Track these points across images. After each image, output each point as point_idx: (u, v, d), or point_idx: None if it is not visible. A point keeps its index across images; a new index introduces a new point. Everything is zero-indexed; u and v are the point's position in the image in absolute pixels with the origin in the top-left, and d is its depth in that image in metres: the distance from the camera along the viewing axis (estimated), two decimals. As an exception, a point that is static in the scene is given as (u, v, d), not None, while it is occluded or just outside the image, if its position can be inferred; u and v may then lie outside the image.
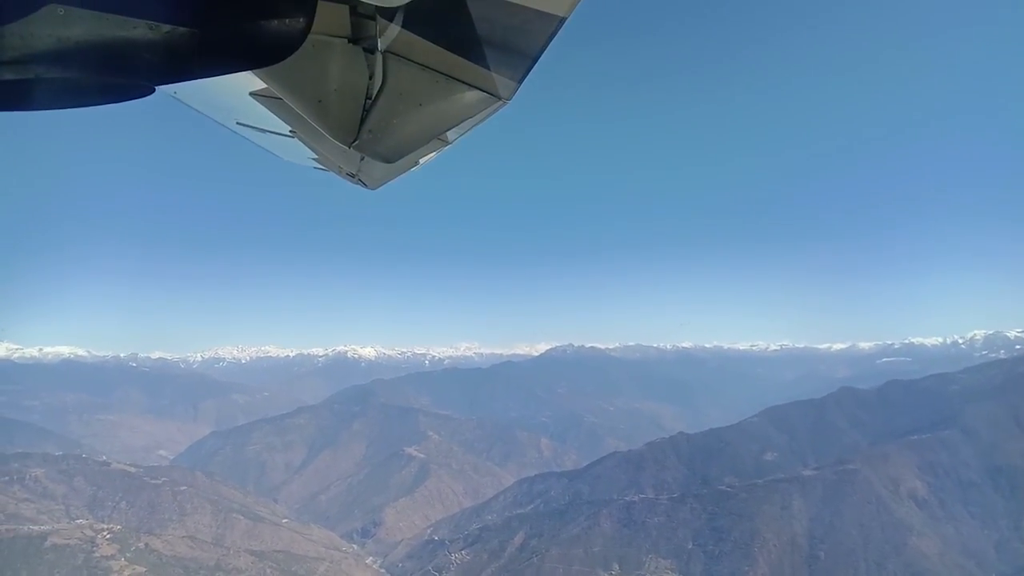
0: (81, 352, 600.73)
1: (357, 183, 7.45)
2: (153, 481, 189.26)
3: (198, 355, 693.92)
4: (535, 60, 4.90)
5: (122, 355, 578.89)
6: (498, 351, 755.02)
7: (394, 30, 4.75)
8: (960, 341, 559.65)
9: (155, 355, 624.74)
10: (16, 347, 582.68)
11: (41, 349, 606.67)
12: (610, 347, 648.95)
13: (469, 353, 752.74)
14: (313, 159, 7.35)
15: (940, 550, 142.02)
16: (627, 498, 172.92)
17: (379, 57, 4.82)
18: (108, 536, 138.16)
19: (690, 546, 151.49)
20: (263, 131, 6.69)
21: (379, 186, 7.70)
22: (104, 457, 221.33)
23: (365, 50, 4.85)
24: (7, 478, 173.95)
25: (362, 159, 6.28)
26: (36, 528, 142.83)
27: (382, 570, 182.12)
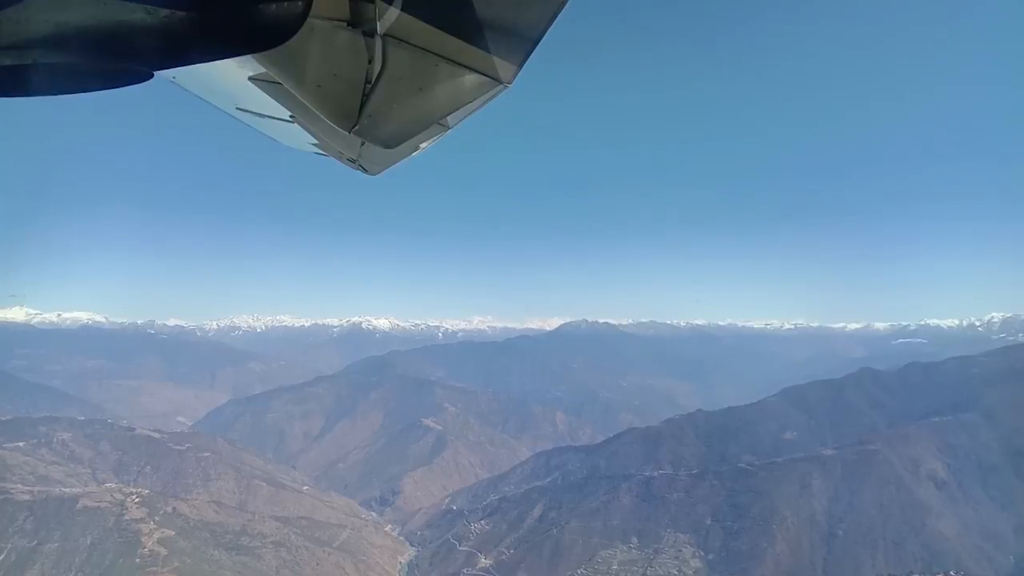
0: (99, 318, 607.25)
1: (357, 168, 7.41)
2: (177, 447, 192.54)
3: (214, 323, 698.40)
4: (536, 43, 4.92)
5: (139, 322, 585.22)
6: (511, 325, 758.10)
7: (393, 13, 4.71)
8: (977, 324, 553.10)
9: (171, 322, 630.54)
10: (35, 312, 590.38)
11: (60, 315, 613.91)
12: (623, 323, 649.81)
13: (482, 327, 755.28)
14: (313, 144, 7.33)
15: (959, 531, 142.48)
16: (646, 473, 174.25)
17: (378, 41, 4.77)
18: (137, 500, 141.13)
19: (709, 522, 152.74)
20: (263, 116, 6.64)
21: (379, 172, 7.69)
22: (125, 422, 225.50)
23: (364, 34, 4.76)
24: (35, 441, 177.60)
25: (362, 144, 6.24)
26: (67, 490, 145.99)
27: (401, 538, 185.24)
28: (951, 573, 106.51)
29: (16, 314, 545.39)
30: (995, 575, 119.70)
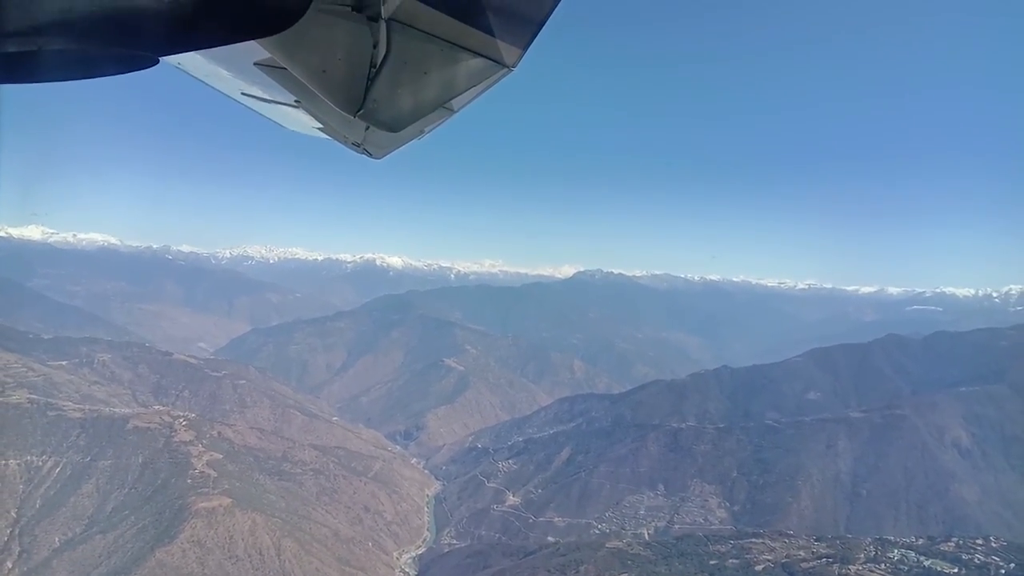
0: (113, 240, 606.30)
1: (362, 152, 7.46)
2: (214, 373, 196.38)
3: (227, 252, 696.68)
4: (540, 26, 4.99)
5: (155, 247, 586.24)
6: (522, 270, 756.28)
7: None
8: (994, 295, 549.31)
9: (186, 249, 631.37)
10: (51, 231, 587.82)
11: (75, 235, 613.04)
12: (638, 274, 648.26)
13: (494, 270, 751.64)
14: (318, 129, 7.38)
15: (980, 498, 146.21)
16: (672, 424, 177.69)
17: (383, 25, 4.75)
18: (184, 423, 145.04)
19: (735, 474, 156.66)
20: (268, 101, 6.72)
21: (384, 155, 7.75)
22: (146, 344, 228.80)
23: (369, 18, 4.73)
24: (77, 360, 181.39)
25: (367, 128, 6.22)
26: (117, 410, 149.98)
27: (427, 471, 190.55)
28: (991, 537, 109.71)
29: (33, 232, 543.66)
30: (1014, 539, 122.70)
